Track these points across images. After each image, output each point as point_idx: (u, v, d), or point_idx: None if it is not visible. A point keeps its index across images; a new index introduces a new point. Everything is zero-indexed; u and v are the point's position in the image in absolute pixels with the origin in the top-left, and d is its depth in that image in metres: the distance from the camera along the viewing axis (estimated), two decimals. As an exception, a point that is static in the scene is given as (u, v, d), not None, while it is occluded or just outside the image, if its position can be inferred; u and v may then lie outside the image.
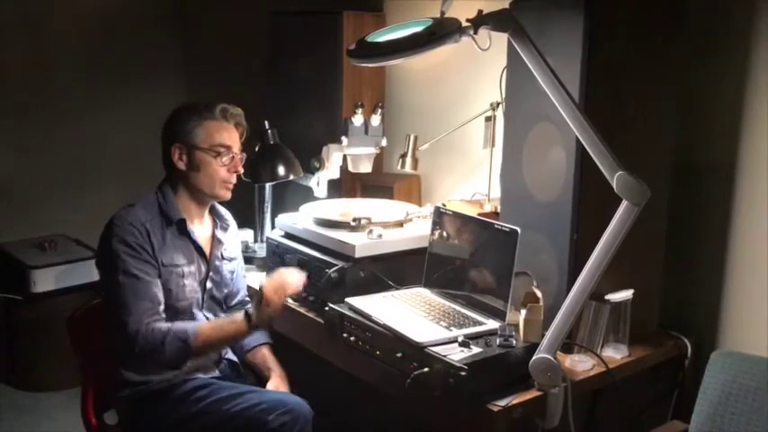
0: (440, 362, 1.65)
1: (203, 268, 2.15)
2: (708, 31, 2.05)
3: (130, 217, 2.02)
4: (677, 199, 2.07)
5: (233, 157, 2.10)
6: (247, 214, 2.67)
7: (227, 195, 2.13)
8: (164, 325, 1.97)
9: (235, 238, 2.30)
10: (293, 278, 2.03)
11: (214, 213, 2.23)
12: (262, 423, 1.89)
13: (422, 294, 2.04)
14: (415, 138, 2.58)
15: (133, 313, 1.94)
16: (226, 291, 2.22)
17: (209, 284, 2.15)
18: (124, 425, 2.11)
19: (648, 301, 2.03)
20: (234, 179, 2.12)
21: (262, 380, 2.16)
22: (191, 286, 2.09)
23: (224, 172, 2.09)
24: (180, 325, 1.99)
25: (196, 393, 2.00)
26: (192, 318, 2.08)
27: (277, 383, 2.11)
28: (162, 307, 2.01)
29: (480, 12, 1.64)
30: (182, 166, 2.08)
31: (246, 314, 1.99)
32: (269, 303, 1.97)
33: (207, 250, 2.16)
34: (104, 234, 2.02)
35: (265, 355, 2.21)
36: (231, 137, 2.10)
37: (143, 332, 1.93)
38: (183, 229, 2.09)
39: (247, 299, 2.31)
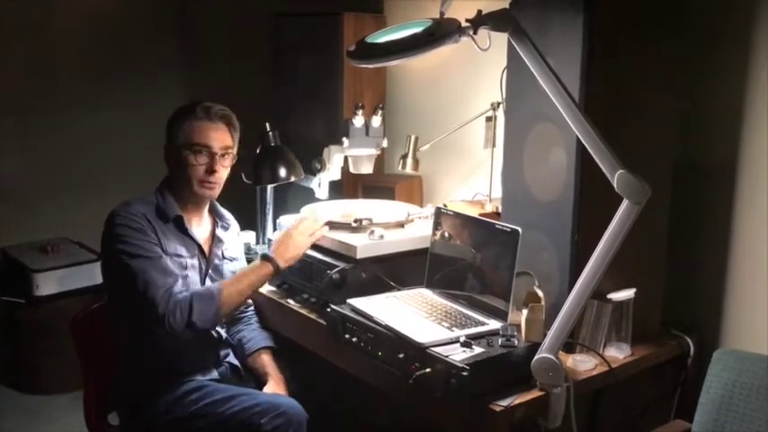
0: (442, 362, 1.65)
1: (203, 266, 2.15)
2: (708, 31, 2.05)
3: (130, 208, 2.04)
4: (679, 198, 2.06)
5: (212, 156, 2.08)
6: (249, 216, 2.67)
7: (209, 194, 2.12)
8: (186, 293, 1.98)
9: (236, 239, 2.31)
10: (313, 222, 2.15)
11: (215, 213, 2.24)
12: (255, 426, 1.89)
13: (423, 295, 2.04)
14: (416, 138, 2.59)
15: (159, 288, 1.95)
16: (226, 291, 2.22)
17: (208, 282, 2.15)
18: (124, 427, 2.12)
19: (650, 300, 2.03)
20: (212, 179, 2.09)
21: (262, 384, 2.15)
22: (193, 278, 2.10)
23: (201, 171, 2.08)
24: (201, 288, 2.04)
25: (191, 396, 2.01)
26: None
27: (273, 388, 2.10)
28: (180, 280, 2.02)
29: (480, 12, 1.64)
30: (170, 164, 2.12)
31: (265, 257, 2.07)
32: (292, 238, 2.10)
33: (206, 248, 2.17)
34: (106, 229, 2.03)
35: (264, 360, 2.20)
36: (212, 136, 2.08)
37: (171, 305, 1.94)
38: (180, 226, 2.10)
39: (249, 300, 2.31)
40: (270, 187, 2.66)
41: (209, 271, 2.16)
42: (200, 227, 2.18)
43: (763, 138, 1.97)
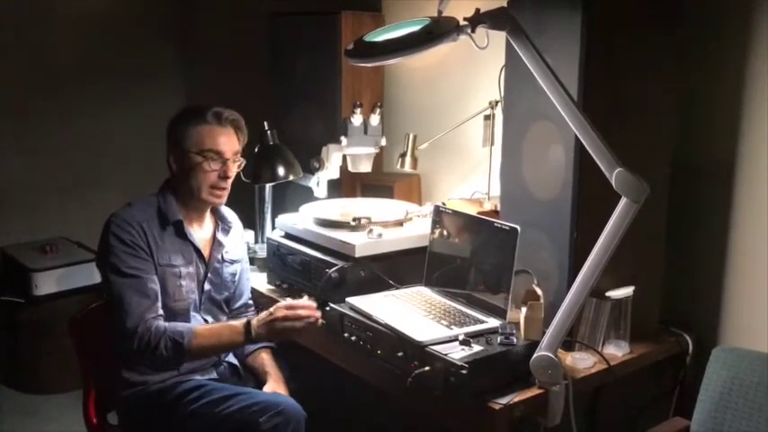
0: (440, 361, 1.65)
1: (201, 270, 2.15)
2: (706, 30, 2.05)
3: (127, 216, 2.03)
4: (677, 196, 2.07)
5: (224, 162, 2.07)
6: (248, 215, 2.67)
7: (217, 201, 2.12)
8: (161, 324, 1.96)
9: (239, 241, 2.30)
10: (307, 309, 1.95)
11: (217, 215, 2.23)
12: (254, 425, 1.88)
13: (422, 293, 2.04)
14: (414, 137, 2.59)
15: (131, 311, 1.94)
16: (226, 293, 2.21)
17: (207, 286, 2.15)
18: (123, 426, 2.12)
19: (649, 298, 2.03)
20: (225, 184, 2.09)
21: (261, 383, 2.15)
22: (188, 287, 2.09)
23: (213, 177, 2.07)
24: (177, 326, 1.98)
25: (190, 395, 2.00)
26: (188, 320, 2.08)
27: (273, 387, 2.10)
28: (160, 303, 2.01)
29: (478, 10, 1.64)
30: (175, 169, 2.10)
31: (247, 324, 1.96)
32: (274, 320, 1.93)
33: (206, 252, 2.16)
34: (103, 234, 2.03)
35: (264, 359, 2.20)
36: (223, 141, 2.07)
37: (141, 330, 1.93)
38: (180, 231, 2.09)
39: (250, 302, 2.31)
40: (268, 186, 2.66)
41: (209, 274, 2.16)
42: (201, 230, 2.17)
43: (761, 136, 1.97)
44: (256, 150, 2.56)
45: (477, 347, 1.70)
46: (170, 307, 2.05)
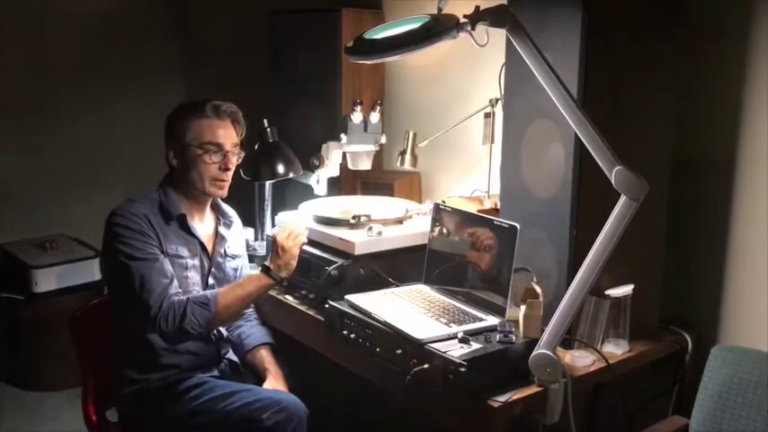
0: (439, 358, 1.65)
1: (206, 264, 2.15)
2: (707, 27, 2.05)
3: (132, 208, 2.04)
4: (677, 194, 2.07)
5: (225, 154, 2.09)
6: (248, 212, 2.67)
7: (220, 193, 2.13)
8: (182, 297, 2.00)
9: (239, 236, 2.31)
10: (300, 226, 2.16)
11: (217, 210, 2.24)
12: (256, 421, 1.89)
13: (422, 291, 2.04)
14: (415, 135, 2.58)
15: (153, 289, 1.96)
16: (228, 289, 2.22)
17: (210, 280, 2.16)
18: (124, 423, 2.12)
19: (649, 297, 2.03)
20: (225, 176, 2.11)
21: (261, 380, 2.15)
22: (193, 279, 2.11)
23: (214, 169, 2.09)
24: (198, 293, 2.04)
25: (191, 392, 2.01)
26: None
27: (273, 384, 2.10)
28: (176, 282, 2.03)
29: (478, 8, 1.64)
30: (175, 163, 2.11)
31: (264, 267, 2.08)
32: (285, 249, 2.08)
33: (209, 246, 2.17)
34: (107, 227, 2.03)
35: (263, 356, 2.20)
36: (222, 134, 2.09)
37: (165, 307, 1.95)
38: (183, 225, 2.10)
39: None
40: (268, 183, 2.66)
41: (212, 269, 2.17)
42: (202, 224, 2.18)
43: (761, 136, 1.97)
44: (256, 148, 2.56)
45: (476, 345, 1.70)
46: None
